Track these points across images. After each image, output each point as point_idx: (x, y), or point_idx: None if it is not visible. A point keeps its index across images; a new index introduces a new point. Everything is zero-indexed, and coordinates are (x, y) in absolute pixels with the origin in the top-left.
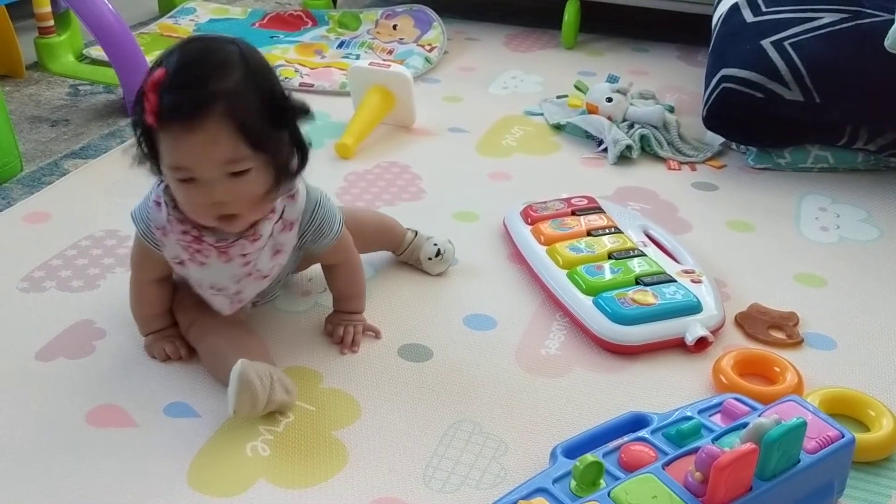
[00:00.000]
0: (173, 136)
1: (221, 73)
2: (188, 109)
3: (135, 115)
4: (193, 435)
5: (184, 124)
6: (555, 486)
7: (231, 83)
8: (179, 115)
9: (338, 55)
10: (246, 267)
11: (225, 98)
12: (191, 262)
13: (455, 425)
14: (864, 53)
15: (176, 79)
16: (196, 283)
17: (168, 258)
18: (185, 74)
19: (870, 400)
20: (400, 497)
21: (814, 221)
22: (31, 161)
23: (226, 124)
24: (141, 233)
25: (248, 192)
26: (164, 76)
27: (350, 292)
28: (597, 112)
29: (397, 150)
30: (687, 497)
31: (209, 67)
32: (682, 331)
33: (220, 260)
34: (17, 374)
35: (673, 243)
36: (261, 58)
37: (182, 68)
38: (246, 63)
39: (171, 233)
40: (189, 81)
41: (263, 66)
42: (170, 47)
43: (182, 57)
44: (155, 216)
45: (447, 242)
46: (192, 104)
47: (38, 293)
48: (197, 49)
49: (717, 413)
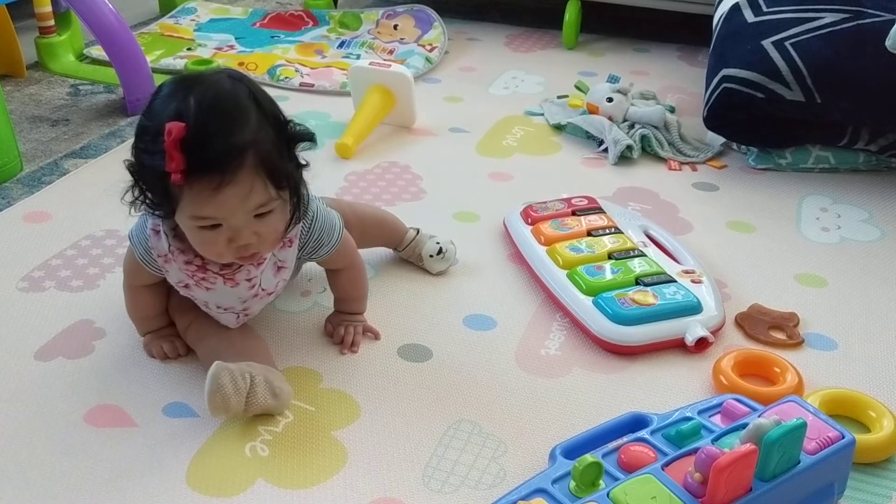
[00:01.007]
0: (203, 191)
1: (242, 121)
2: (220, 166)
3: (137, 164)
4: (192, 435)
5: (215, 181)
6: (554, 487)
7: (253, 129)
8: (211, 173)
9: (338, 55)
10: (252, 289)
11: (253, 147)
12: (196, 287)
13: (454, 426)
14: (866, 53)
15: (200, 134)
16: (202, 304)
17: (172, 283)
18: (209, 128)
19: (870, 401)
20: (399, 497)
21: (815, 222)
22: (32, 161)
23: (258, 173)
24: (140, 257)
25: (273, 231)
26: (185, 132)
27: (352, 294)
28: (597, 112)
29: (398, 150)
30: (686, 498)
31: (230, 117)
32: (682, 331)
33: (227, 286)
34: (17, 374)
35: (673, 243)
36: (258, 87)
37: (203, 121)
38: (256, 100)
39: (174, 262)
40: (215, 135)
41: (267, 98)
42: (168, 90)
43: (199, 107)
44: (155, 244)
45: (449, 242)
46: (224, 160)
47: (37, 293)
48: (210, 96)
49: (717, 414)
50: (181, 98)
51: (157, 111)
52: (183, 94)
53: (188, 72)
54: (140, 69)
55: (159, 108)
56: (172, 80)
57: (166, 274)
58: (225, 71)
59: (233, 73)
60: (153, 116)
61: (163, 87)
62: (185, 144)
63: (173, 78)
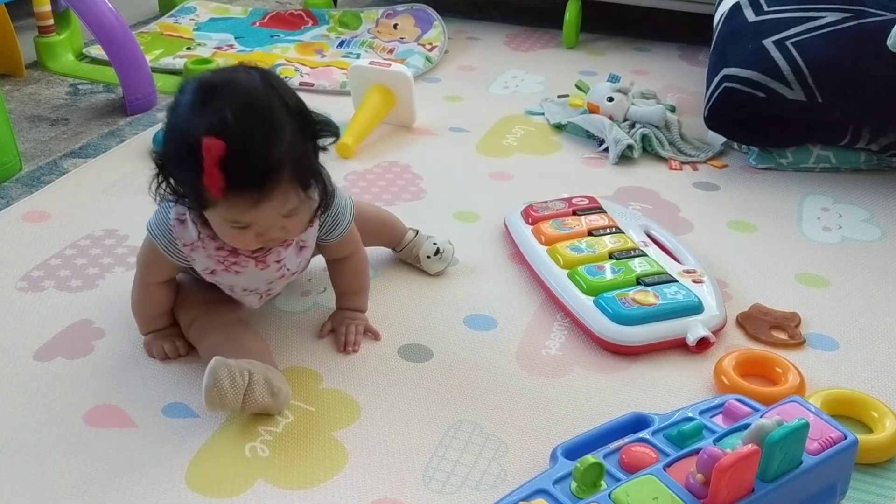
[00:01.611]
0: (240, 204)
1: (278, 133)
2: (259, 184)
3: (167, 164)
4: (192, 435)
5: (254, 197)
6: (555, 488)
7: (288, 141)
8: (250, 191)
9: (338, 54)
10: (280, 270)
11: (289, 160)
12: (225, 273)
13: (455, 426)
14: (867, 53)
15: (239, 153)
16: (226, 288)
17: (199, 270)
18: (248, 146)
19: (872, 401)
20: (399, 498)
21: (816, 221)
22: (31, 160)
23: (293, 184)
24: (164, 248)
25: (299, 224)
26: (224, 151)
27: (354, 287)
28: (598, 112)
29: (398, 150)
30: (688, 498)
31: (267, 131)
32: (683, 331)
33: (258, 268)
34: (16, 374)
35: (674, 243)
36: (285, 84)
37: (242, 139)
38: (286, 104)
39: (204, 248)
40: (254, 153)
41: (294, 97)
42: (200, 96)
43: (236, 121)
44: (181, 233)
45: (447, 242)
46: (263, 178)
47: (36, 293)
48: (246, 107)
49: (719, 414)
50: (216, 109)
51: (191, 120)
52: (217, 105)
53: (210, 69)
54: (139, 69)
55: (192, 117)
56: (202, 83)
57: (192, 262)
58: (253, 71)
59: (263, 74)
60: (186, 125)
61: (192, 89)
62: (223, 162)
63: (202, 78)
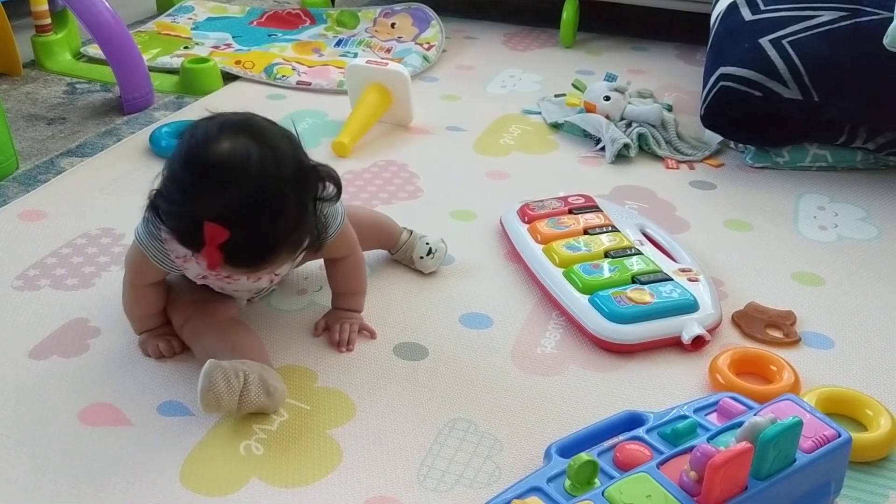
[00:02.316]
0: (235, 272)
1: (282, 220)
2: (256, 264)
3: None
4: (187, 434)
5: (250, 271)
6: (549, 486)
7: (291, 224)
8: (246, 268)
9: (336, 53)
10: (271, 277)
11: (288, 240)
12: (217, 281)
13: (450, 424)
14: (863, 52)
15: (241, 242)
16: (217, 287)
17: (190, 276)
18: (251, 235)
19: (867, 399)
20: (394, 496)
21: (812, 220)
22: (28, 159)
23: (289, 255)
24: (153, 258)
25: (283, 271)
26: (227, 238)
27: (351, 289)
28: (595, 111)
29: (395, 149)
30: (682, 496)
31: (272, 220)
32: (678, 329)
33: (251, 281)
34: (11, 373)
35: (670, 242)
36: (292, 147)
37: (244, 229)
38: (292, 179)
39: (198, 264)
40: (255, 242)
41: (300, 163)
42: (206, 165)
43: (241, 210)
44: (174, 247)
45: (440, 242)
46: (262, 260)
47: (32, 291)
48: (253, 193)
49: (713, 412)
50: (224, 196)
51: (197, 197)
52: (226, 191)
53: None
54: (137, 68)
55: (200, 195)
56: (210, 158)
57: (185, 271)
58: (266, 147)
59: (274, 151)
60: (192, 201)
61: (203, 159)
62: (225, 246)
63: (215, 152)
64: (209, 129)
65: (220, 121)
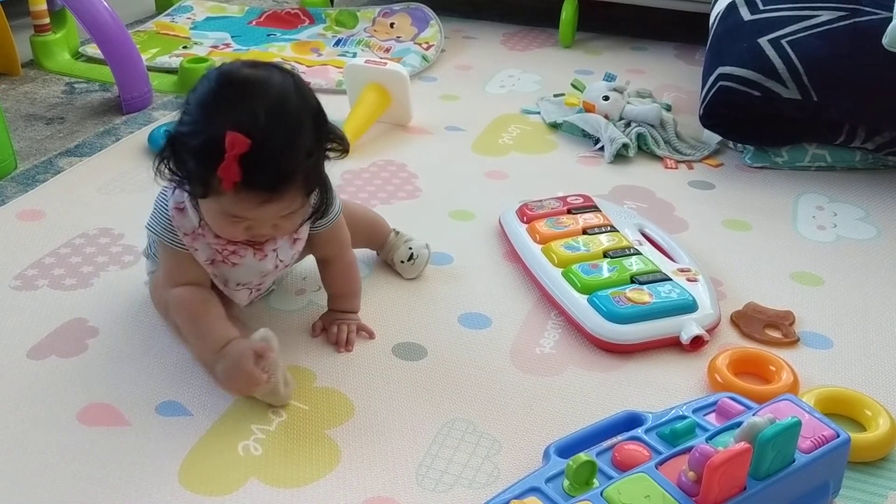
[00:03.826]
0: (247, 201)
1: (301, 142)
2: (272, 187)
3: (178, 148)
4: (186, 434)
5: (264, 197)
6: (548, 486)
7: (307, 149)
8: (261, 189)
9: (334, 53)
10: (274, 260)
11: (304, 169)
12: (223, 264)
13: (448, 424)
14: (862, 51)
15: (262, 154)
16: (221, 282)
17: (200, 261)
18: (271, 149)
19: (866, 399)
20: (392, 496)
21: (811, 220)
22: (26, 159)
23: (301, 190)
24: (168, 242)
25: (291, 226)
26: (249, 148)
27: (345, 290)
28: (593, 110)
29: (393, 149)
30: (680, 497)
31: (292, 137)
32: (677, 329)
33: (256, 258)
34: (9, 373)
35: (669, 242)
36: (313, 95)
37: (267, 140)
38: (312, 113)
39: (204, 237)
40: (275, 157)
41: (319, 108)
42: (231, 90)
43: (266, 122)
44: (181, 223)
45: (423, 247)
46: (278, 182)
47: (30, 291)
48: (276, 109)
49: (712, 412)
50: (248, 106)
51: (220, 111)
52: (250, 102)
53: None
54: (135, 68)
55: (223, 108)
56: (239, 76)
57: (194, 252)
58: (289, 75)
59: (297, 80)
60: (214, 114)
61: (226, 79)
62: (244, 159)
63: (238, 71)
64: (233, 63)
65: (244, 60)
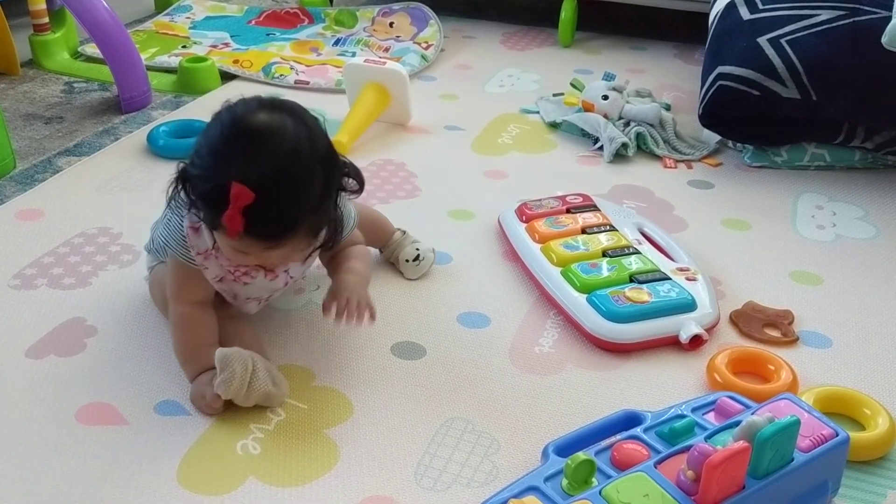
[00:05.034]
0: (252, 245)
1: (307, 193)
2: (275, 237)
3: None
4: (184, 433)
5: (267, 244)
6: (546, 485)
7: (315, 201)
8: (264, 239)
9: (334, 52)
10: (285, 279)
11: (309, 219)
12: (234, 282)
13: (447, 423)
14: (862, 51)
15: (265, 207)
16: (230, 296)
17: (209, 278)
18: (275, 202)
19: (865, 398)
20: (391, 495)
21: (810, 219)
22: (25, 158)
23: (305, 237)
24: (182, 257)
25: (300, 258)
26: (252, 200)
27: (355, 257)
28: (593, 110)
29: (393, 148)
30: (679, 496)
31: (297, 189)
32: (676, 329)
33: (267, 279)
34: (7, 372)
35: (668, 241)
36: (324, 135)
37: (271, 194)
38: (323, 161)
39: (216, 258)
40: (278, 210)
41: (330, 149)
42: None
43: (272, 174)
44: (194, 242)
45: (430, 251)
46: (281, 233)
47: (29, 290)
48: (284, 161)
49: (711, 411)
50: (256, 158)
51: (228, 158)
52: (259, 154)
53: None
54: (135, 67)
55: (231, 156)
56: (251, 124)
57: (204, 270)
58: (301, 122)
59: (310, 126)
60: (222, 161)
61: (240, 123)
62: (248, 211)
63: (252, 117)
64: (248, 103)
65: (259, 98)
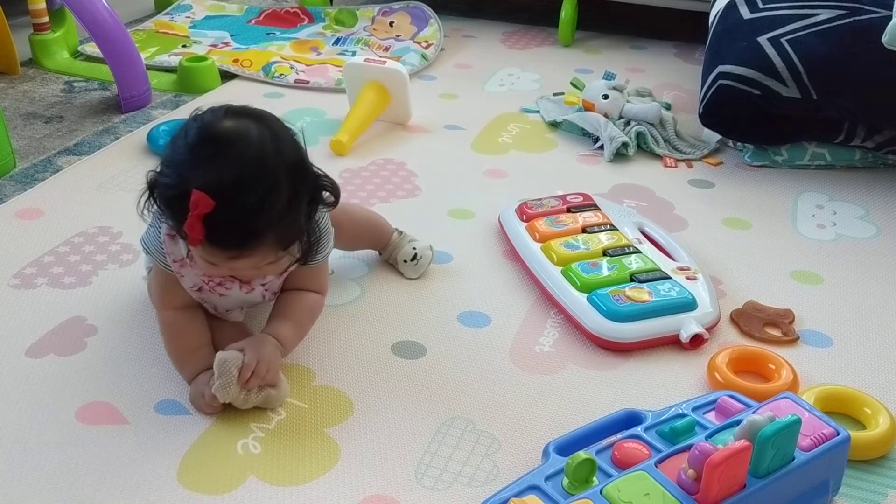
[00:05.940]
0: (216, 254)
1: (271, 202)
2: (238, 246)
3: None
4: (184, 432)
5: (231, 254)
6: (547, 484)
7: (280, 210)
8: (226, 248)
9: (334, 52)
10: (261, 292)
11: (276, 229)
12: (209, 293)
13: (448, 422)
14: (862, 50)
15: (225, 216)
16: (210, 307)
17: (186, 287)
18: (236, 211)
19: (866, 398)
20: (392, 495)
21: (810, 219)
22: (25, 157)
23: (273, 246)
24: (161, 264)
25: (274, 271)
26: (211, 209)
27: (295, 317)
28: (593, 109)
29: (393, 147)
30: (680, 495)
31: (261, 199)
32: (676, 328)
33: (243, 291)
34: (8, 372)
35: (668, 240)
36: (294, 141)
37: (232, 203)
38: (289, 168)
39: (191, 267)
40: (239, 219)
41: (299, 157)
42: (203, 142)
43: (232, 183)
44: (171, 249)
45: (427, 249)
46: (244, 240)
47: (29, 290)
48: (246, 169)
49: (712, 410)
50: (217, 166)
51: (190, 166)
52: (220, 162)
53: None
54: (134, 66)
55: (193, 164)
56: (214, 131)
57: (181, 279)
58: (265, 128)
59: (274, 133)
60: (184, 169)
61: (202, 133)
62: (208, 219)
63: (214, 125)
64: (216, 110)
65: (228, 106)
